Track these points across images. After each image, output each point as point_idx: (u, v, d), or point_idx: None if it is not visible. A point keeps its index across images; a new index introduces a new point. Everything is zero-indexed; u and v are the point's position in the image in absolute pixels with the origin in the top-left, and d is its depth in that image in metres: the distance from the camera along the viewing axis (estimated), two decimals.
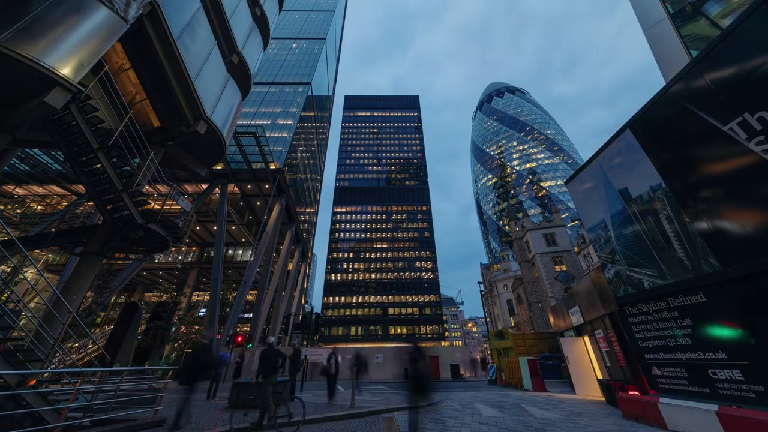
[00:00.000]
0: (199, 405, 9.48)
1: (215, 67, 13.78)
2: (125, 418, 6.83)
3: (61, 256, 31.73)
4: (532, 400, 10.57)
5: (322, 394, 11.85)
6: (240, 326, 40.36)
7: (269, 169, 28.82)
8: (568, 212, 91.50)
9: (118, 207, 10.38)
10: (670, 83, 7.17)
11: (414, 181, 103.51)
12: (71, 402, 5.61)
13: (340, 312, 79.26)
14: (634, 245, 8.35)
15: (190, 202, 16.23)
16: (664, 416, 6.43)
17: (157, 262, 35.36)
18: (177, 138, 12.79)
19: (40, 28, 6.81)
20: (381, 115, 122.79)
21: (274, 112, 44.87)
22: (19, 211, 27.91)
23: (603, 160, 9.49)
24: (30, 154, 22.97)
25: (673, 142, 7.15)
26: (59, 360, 10.66)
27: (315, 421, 7.21)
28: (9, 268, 22.46)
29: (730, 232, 5.97)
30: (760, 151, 5.34)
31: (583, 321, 12.14)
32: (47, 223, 20.83)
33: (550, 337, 17.32)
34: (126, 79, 11.83)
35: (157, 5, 9.77)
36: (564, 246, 47.20)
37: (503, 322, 61.07)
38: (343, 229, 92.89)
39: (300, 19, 76.93)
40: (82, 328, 16.04)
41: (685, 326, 6.97)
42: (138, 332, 18.90)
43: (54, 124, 8.58)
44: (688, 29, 9.54)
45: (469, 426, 6.76)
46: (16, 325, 5.97)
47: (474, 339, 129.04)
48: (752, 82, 5.50)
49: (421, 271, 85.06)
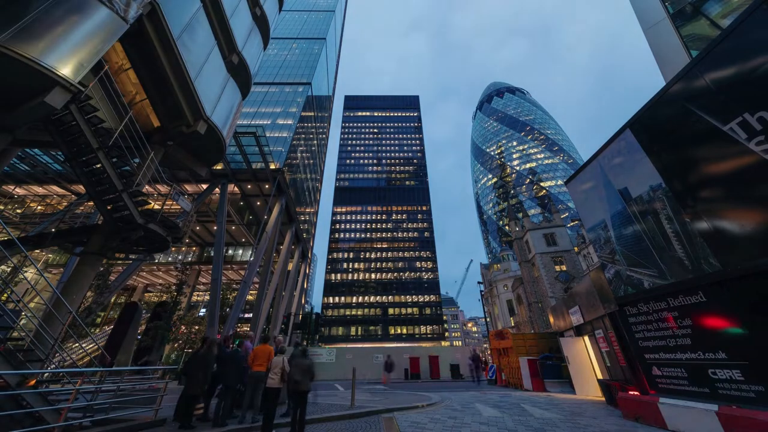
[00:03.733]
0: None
1: (215, 67, 13.78)
2: (125, 418, 6.83)
3: (61, 256, 31.74)
4: (532, 400, 10.57)
5: (323, 394, 11.90)
6: (240, 326, 40.34)
7: (269, 169, 28.80)
8: (568, 212, 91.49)
9: (118, 207, 10.38)
10: (670, 83, 7.17)
11: (414, 181, 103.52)
12: (71, 402, 5.61)
13: (340, 312, 79.27)
14: (634, 245, 8.35)
15: (190, 202, 16.25)
16: (664, 416, 6.43)
17: (157, 262, 35.35)
18: (177, 138, 12.79)
19: (40, 28, 6.81)
20: (381, 115, 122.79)
21: (274, 112, 44.86)
22: (19, 211, 27.90)
23: (603, 160, 9.49)
24: (30, 154, 22.95)
25: (673, 142, 7.15)
26: (59, 360, 10.66)
27: (315, 421, 7.21)
28: (9, 268, 22.45)
29: (730, 232, 5.96)
30: (760, 151, 5.34)
31: (583, 321, 12.13)
32: (47, 223, 20.82)
33: (550, 337, 17.32)
34: (126, 79, 11.82)
35: (157, 5, 9.77)
36: (564, 246, 47.20)
37: (503, 322, 61.08)
38: (343, 229, 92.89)
39: (300, 19, 76.92)
40: (82, 328, 16.04)
41: (685, 326, 6.97)
42: (138, 332, 18.89)
43: (54, 124, 8.58)
44: (688, 29, 9.54)
45: (469, 426, 6.75)
46: (16, 325, 5.96)
47: (474, 339, 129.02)
48: (752, 82, 5.50)
49: (421, 271, 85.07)
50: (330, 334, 75.61)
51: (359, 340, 74.46)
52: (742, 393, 5.75)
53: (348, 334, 76.38)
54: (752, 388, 5.61)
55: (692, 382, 6.73)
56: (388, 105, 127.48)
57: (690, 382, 6.78)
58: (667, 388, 7.34)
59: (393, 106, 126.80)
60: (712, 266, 6.28)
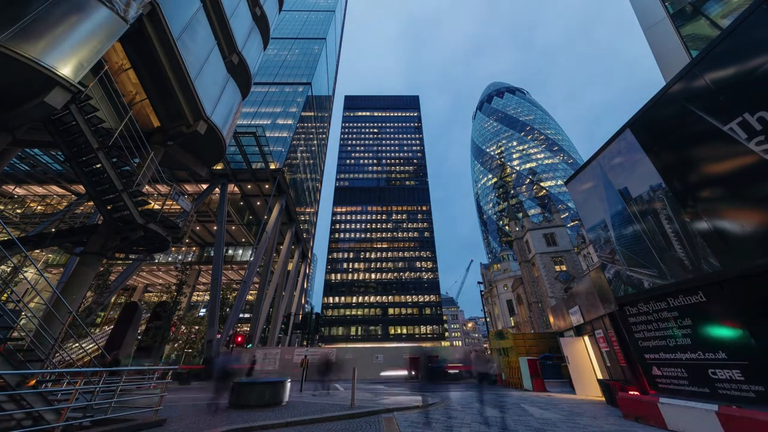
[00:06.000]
0: (198, 405, 9.48)
1: (215, 67, 13.79)
2: (125, 418, 6.83)
3: (61, 256, 31.73)
4: (532, 400, 10.57)
5: (323, 394, 11.91)
6: (240, 326, 40.34)
7: (269, 169, 28.83)
8: (568, 212, 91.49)
9: (118, 207, 10.38)
10: (670, 83, 7.17)
11: (414, 181, 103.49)
12: (71, 402, 5.61)
13: (340, 312, 79.26)
14: (634, 245, 8.35)
15: (190, 202, 16.25)
16: (664, 416, 6.43)
17: (157, 262, 35.35)
18: (177, 138, 12.80)
19: (40, 28, 6.81)
20: (381, 115, 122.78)
21: (274, 112, 44.86)
22: (19, 211, 27.91)
23: (603, 160, 9.49)
24: (30, 154, 22.96)
25: (673, 142, 7.15)
26: (59, 360, 10.66)
27: (315, 421, 7.21)
28: (9, 268, 22.44)
29: (730, 232, 5.96)
30: (760, 151, 5.34)
31: (583, 321, 12.13)
32: (47, 223, 20.83)
33: (550, 337, 17.31)
34: (126, 79, 11.83)
35: (157, 5, 9.78)
36: (564, 246, 47.19)
37: (503, 322, 61.08)
38: (343, 229, 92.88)
39: (300, 19, 76.92)
40: (82, 328, 16.04)
41: (685, 326, 6.97)
42: (138, 332, 18.89)
43: (54, 124, 8.58)
44: (688, 29, 9.54)
45: (469, 426, 6.75)
46: (16, 325, 5.96)
47: (474, 339, 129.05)
48: (752, 82, 5.50)
49: (421, 271, 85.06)
50: (330, 334, 75.60)
51: (359, 340, 74.48)
52: (742, 393, 5.75)
53: (348, 334, 76.37)
54: (752, 388, 5.62)
55: (692, 382, 6.73)
56: (388, 105, 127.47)
57: (690, 382, 6.78)
58: (667, 388, 7.35)
59: (393, 106, 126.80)
60: (712, 266, 6.27)
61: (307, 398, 10.78)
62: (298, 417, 7.32)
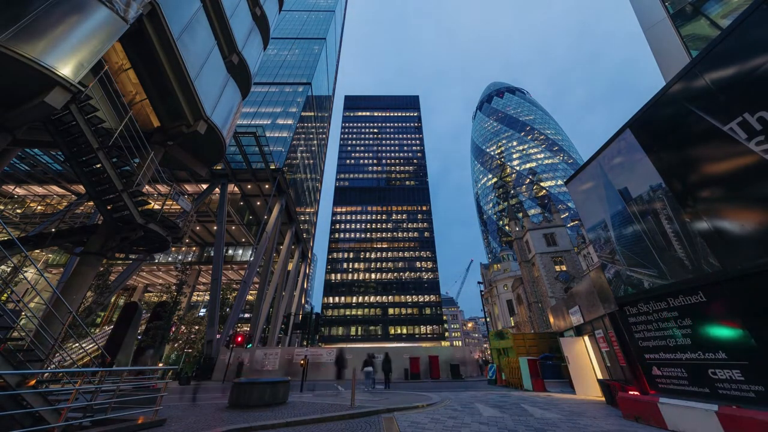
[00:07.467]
0: (199, 405, 9.48)
1: (215, 67, 13.79)
2: (125, 418, 6.83)
3: (61, 256, 31.74)
4: (532, 400, 10.57)
5: (323, 394, 11.90)
6: (240, 326, 40.34)
7: (269, 169, 28.84)
8: (568, 212, 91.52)
9: (118, 207, 10.38)
10: (670, 83, 7.17)
11: (414, 181, 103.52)
12: (71, 402, 5.61)
13: (340, 312, 79.28)
14: (634, 245, 8.35)
15: (190, 202, 16.26)
16: (664, 416, 6.43)
17: (157, 262, 35.36)
18: (177, 138, 12.80)
19: (40, 28, 6.81)
20: (381, 115, 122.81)
21: (274, 112, 44.88)
22: (19, 211, 27.91)
23: (603, 160, 9.49)
24: (30, 154, 22.97)
25: (673, 142, 7.15)
26: (59, 360, 10.66)
27: (315, 421, 7.21)
28: (9, 268, 22.45)
29: (730, 232, 5.96)
30: (760, 151, 5.34)
31: (583, 321, 12.13)
32: (47, 223, 20.85)
33: (550, 337, 17.31)
34: (126, 79, 11.83)
35: (157, 5, 9.78)
36: (564, 246, 47.21)
37: (503, 322, 61.10)
38: (343, 229, 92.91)
39: (300, 19, 76.95)
40: (82, 328, 16.04)
41: (685, 326, 6.97)
42: (138, 332, 18.87)
43: (54, 124, 8.58)
44: (688, 29, 9.54)
45: (469, 426, 6.75)
46: (16, 325, 5.96)
47: (474, 339, 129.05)
48: (752, 82, 5.50)
49: (421, 271, 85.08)
50: (330, 334, 75.62)
51: (359, 340, 74.48)
52: (742, 393, 5.75)
53: (348, 334, 76.38)
54: (752, 388, 5.61)
55: (692, 382, 6.73)
56: (388, 105, 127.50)
57: (690, 382, 6.78)
58: (667, 388, 7.34)
59: (393, 106, 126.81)
60: (712, 266, 6.27)
61: (308, 398, 10.78)
62: (298, 417, 7.32)
